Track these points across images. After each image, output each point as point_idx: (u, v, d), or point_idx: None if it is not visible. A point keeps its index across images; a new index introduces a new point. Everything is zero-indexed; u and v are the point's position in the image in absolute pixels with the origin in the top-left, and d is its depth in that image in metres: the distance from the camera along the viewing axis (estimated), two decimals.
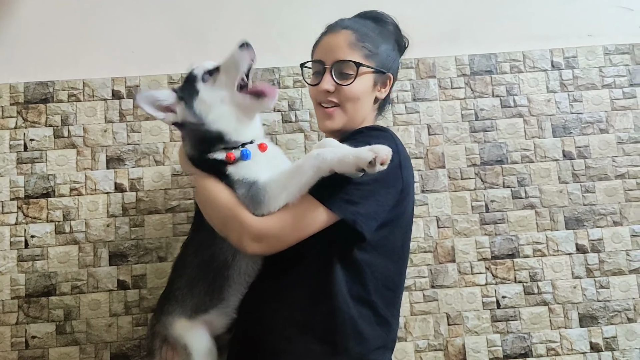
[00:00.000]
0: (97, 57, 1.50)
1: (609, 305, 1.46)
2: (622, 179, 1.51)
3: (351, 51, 1.09)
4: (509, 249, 1.48)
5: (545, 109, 1.54)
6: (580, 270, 1.47)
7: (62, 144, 1.47)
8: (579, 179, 1.51)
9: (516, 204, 1.50)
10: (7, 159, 1.45)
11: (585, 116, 1.54)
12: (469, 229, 1.48)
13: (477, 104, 1.53)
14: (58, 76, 1.49)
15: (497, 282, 1.46)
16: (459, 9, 1.57)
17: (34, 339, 1.39)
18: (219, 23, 1.54)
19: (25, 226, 1.43)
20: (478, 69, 1.54)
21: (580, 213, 1.50)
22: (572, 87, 1.55)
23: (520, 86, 1.54)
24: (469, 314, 1.45)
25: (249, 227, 0.95)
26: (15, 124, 1.47)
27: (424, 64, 1.54)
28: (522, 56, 1.55)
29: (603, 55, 1.56)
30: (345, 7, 1.54)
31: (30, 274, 1.41)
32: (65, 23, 1.51)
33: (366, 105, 1.13)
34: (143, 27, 1.52)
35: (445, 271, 1.46)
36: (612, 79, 1.55)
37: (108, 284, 1.42)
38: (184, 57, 1.50)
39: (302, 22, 1.52)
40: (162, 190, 1.46)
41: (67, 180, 1.45)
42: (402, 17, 1.55)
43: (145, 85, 1.50)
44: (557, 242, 1.48)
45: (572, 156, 1.52)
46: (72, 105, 1.49)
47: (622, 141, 1.53)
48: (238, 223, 0.96)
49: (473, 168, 1.51)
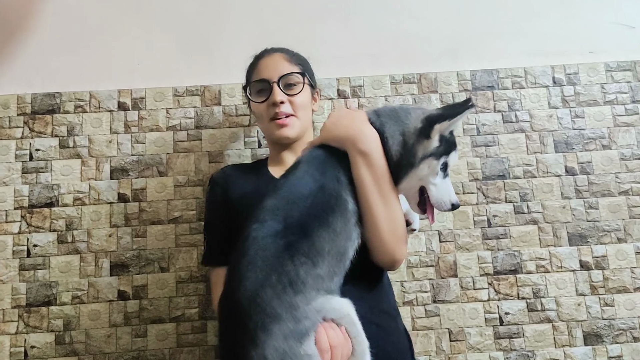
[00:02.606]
0: (104, 70, 1.53)
1: (613, 324, 1.44)
2: (626, 196, 1.50)
3: (291, 66, 1.19)
4: (512, 264, 1.46)
5: (547, 124, 1.54)
6: (585, 287, 1.46)
7: (67, 154, 1.49)
8: (581, 195, 1.50)
9: (518, 219, 1.49)
10: (12, 169, 1.47)
11: (588, 132, 1.54)
12: (471, 244, 1.47)
13: (479, 118, 1.54)
14: (65, 88, 1.52)
15: (499, 298, 1.45)
16: (461, 24, 1.59)
17: (33, 348, 1.38)
18: (223, 37, 1.56)
19: (28, 235, 1.44)
20: (480, 84, 1.56)
21: (583, 229, 1.49)
22: (574, 103, 1.55)
23: (522, 101, 1.55)
24: (472, 330, 1.43)
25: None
26: (21, 134, 1.49)
27: (426, 79, 1.56)
28: (524, 72, 1.56)
29: (605, 71, 1.57)
30: (348, 21, 1.58)
31: (32, 283, 1.41)
32: (72, 36, 1.55)
33: (310, 116, 1.24)
34: (149, 41, 1.55)
35: (447, 286, 1.45)
36: (614, 96, 1.56)
37: (108, 294, 1.42)
38: (188, 70, 1.54)
39: (306, 37, 1.54)
40: (165, 201, 1.47)
41: (71, 190, 1.47)
42: (405, 32, 1.58)
43: (150, 97, 1.52)
44: (560, 258, 1.47)
45: (575, 172, 1.52)
46: (79, 116, 1.51)
47: (625, 157, 1.52)
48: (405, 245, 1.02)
49: (475, 183, 1.50)
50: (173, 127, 1.51)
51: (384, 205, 0.94)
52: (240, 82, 1.36)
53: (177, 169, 1.49)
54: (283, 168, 1.12)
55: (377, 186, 0.94)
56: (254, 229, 0.89)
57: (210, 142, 1.51)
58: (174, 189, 1.48)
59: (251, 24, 1.57)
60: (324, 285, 0.86)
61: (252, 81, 1.22)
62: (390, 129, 0.97)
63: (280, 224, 0.88)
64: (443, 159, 0.96)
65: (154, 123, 1.51)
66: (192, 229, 1.45)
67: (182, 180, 1.48)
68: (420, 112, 0.99)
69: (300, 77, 1.18)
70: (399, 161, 0.96)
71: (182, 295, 1.42)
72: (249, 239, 0.89)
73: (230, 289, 0.87)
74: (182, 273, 1.43)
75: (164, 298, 1.42)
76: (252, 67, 1.24)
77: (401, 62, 1.56)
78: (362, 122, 0.98)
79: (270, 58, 1.21)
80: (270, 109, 1.17)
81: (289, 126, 1.16)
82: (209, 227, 1.22)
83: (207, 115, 1.52)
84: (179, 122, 1.51)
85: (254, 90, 1.21)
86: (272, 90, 1.16)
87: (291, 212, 0.90)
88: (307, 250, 0.86)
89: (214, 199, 1.20)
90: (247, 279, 0.84)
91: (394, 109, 1.02)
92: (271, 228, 0.88)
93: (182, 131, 1.51)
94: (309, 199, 0.91)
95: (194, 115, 1.52)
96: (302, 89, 1.18)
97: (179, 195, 1.47)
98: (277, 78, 1.16)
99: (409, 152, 0.95)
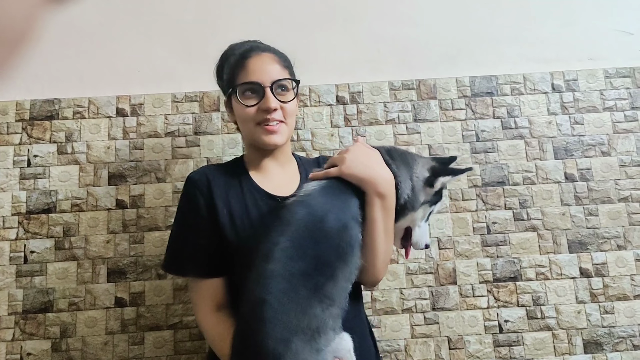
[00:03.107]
0: (103, 76, 1.53)
1: (613, 332, 1.43)
2: (625, 202, 1.50)
3: (283, 70, 1.14)
4: (511, 271, 1.46)
5: (546, 130, 1.54)
6: (584, 294, 1.45)
7: (66, 160, 1.48)
8: (581, 202, 1.50)
9: (518, 225, 1.48)
10: (10, 175, 1.47)
11: (587, 139, 1.53)
12: (471, 251, 1.46)
13: (478, 125, 1.54)
14: (64, 94, 1.52)
15: (499, 305, 1.44)
16: (460, 31, 1.59)
17: (29, 356, 1.37)
18: (221, 43, 1.56)
19: (25, 241, 1.43)
20: (479, 91, 1.55)
21: (583, 236, 1.48)
22: (573, 110, 1.55)
23: (521, 108, 1.55)
24: (471, 338, 1.42)
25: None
26: (20, 140, 1.49)
27: (425, 85, 1.55)
28: (523, 78, 1.56)
29: (604, 78, 1.57)
30: (347, 27, 1.58)
31: (28, 290, 1.41)
32: (72, 42, 1.55)
33: (295, 122, 1.21)
34: (148, 47, 1.55)
35: (447, 293, 1.44)
36: (614, 102, 1.55)
37: (105, 301, 1.41)
38: (187, 77, 1.54)
39: (305, 43, 1.54)
40: (163, 207, 1.47)
41: (68, 196, 1.46)
42: (404, 38, 1.58)
43: (149, 103, 1.52)
44: (560, 265, 1.46)
45: (574, 178, 1.51)
46: (77, 122, 1.51)
47: (625, 164, 1.52)
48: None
49: (474, 189, 1.50)
50: (171, 133, 1.51)
51: (385, 241, 1.01)
52: None
53: (176, 175, 1.48)
54: (266, 176, 1.13)
55: (384, 225, 1.00)
56: (279, 264, 0.86)
57: (208, 149, 1.50)
58: (172, 195, 1.47)
59: (250, 30, 1.56)
60: (337, 322, 0.88)
61: (240, 82, 1.13)
62: (403, 174, 1.04)
63: (310, 263, 0.88)
64: (433, 207, 1.07)
65: (153, 129, 1.51)
66: None
67: (181, 187, 1.47)
68: (424, 161, 1.08)
69: (292, 83, 1.15)
70: (405, 204, 1.03)
71: (179, 302, 1.41)
72: (274, 274, 0.85)
73: (251, 328, 0.84)
74: (180, 280, 1.42)
75: (161, 305, 1.41)
76: (239, 66, 1.15)
77: (400, 68, 1.56)
78: (381, 164, 1.03)
79: (261, 58, 1.14)
80: (260, 114, 1.11)
81: (278, 133, 1.11)
82: (183, 232, 1.10)
83: (205, 121, 1.52)
84: (177, 128, 1.51)
85: (241, 91, 1.13)
86: (264, 94, 1.10)
87: (319, 252, 0.89)
88: (331, 292, 0.87)
89: (196, 201, 1.08)
90: (276, 322, 0.82)
91: (403, 153, 1.09)
92: (300, 267, 0.86)
93: (181, 137, 1.51)
94: (335, 240, 0.91)
95: (193, 121, 1.52)
96: (295, 96, 1.14)
97: (177, 202, 1.47)
98: (270, 83, 1.10)
99: (414, 196, 1.04)
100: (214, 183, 1.09)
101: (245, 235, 1.02)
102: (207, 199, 1.07)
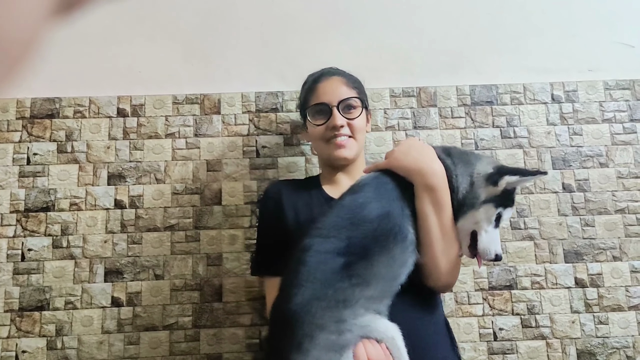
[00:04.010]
0: (104, 76, 1.53)
1: (607, 342, 1.43)
2: (622, 214, 1.50)
3: (349, 90, 1.23)
4: (507, 280, 1.46)
5: (545, 141, 1.54)
6: (579, 304, 1.46)
7: (65, 159, 1.49)
8: (578, 212, 1.50)
9: (515, 234, 1.49)
10: (9, 172, 1.47)
11: (585, 150, 1.54)
12: (466, 258, 1.47)
13: (478, 133, 1.54)
14: (65, 93, 1.52)
15: (494, 313, 1.44)
16: (461, 39, 1.60)
17: (24, 353, 1.37)
18: (223, 47, 1.57)
19: (23, 239, 1.43)
20: (479, 100, 1.56)
21: (579, 246, 1.49)
22: (572, 121, 1.56)
23: (520, 117, 1.56)
24: (466, 345, 1.43)
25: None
26: (19, 138, 1.49)
27: (425, 93, 1.56)
28: (523, 88, 1.57)
29: (603, 90, 1.57)
30: (348, 34, 1.59)
31: (25, 288, 1.41)
32: (74, 42, 1.55)
33: (364, 138, 1.27)
34: (150, 49, 1.56)
35: (442, 300, 1.44)
36: (613, 114, 1.56)
37: (102, 300, 1.41)
38: (189, 79, 1.55)
39: (307, 48, 1.55)
40: (162, 208, 1.47)
41: (67, 195, 1.46)
42: (405, 46, 1.59)
43: (150, 105, 1.52)
44: (555, 275, 1.47)
45: (572, 189, 1.52)
46: (77, 122, 1.51)
47: (622, 176, 1.53)
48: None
49: None
50: (172, 135, 1.51)
51: (443, 239, 0.99)
52: (240, 91, 1.37)
53: (175, 177, 1.49)
54: (338, 188, 1.18)
55: (438, 220, 0.99)
56: (316, 242, 0.95)
57: (208, 151, 1.51)
58: (171, 196, 1.48)
59: (252, 35, 1.57)
60: (373, 306, 0.91)
61: (311, 104, 1.25)
62: (459, 169, 1.03)
63: (343, 242, 0.94)
64: (500, 209, 1.00)
65: (153, 130, 1.51)
66: (188, 236, 1.45)
67: (180, 188, 1.48)
68: (490, 160, 1.08)
69: (359, 101, 1.23)
70: (463, 200, 1.01)
71: (176, 303, 1.42)
72: (310, 250, 0.93)
73: (285, 295, 0.92)
74: (177, 281, 1.43)
75: (157, 305, 1.42)
76: (311, 90, 1.26)
77: (401, 76, 1.57)
78: (432, 158, 1.03)
79: (329, 82, 1.24)
80: (328, 132, 1.20)
81: (346, 147, 1.20)
82: (262, 238, 1.23)
83: (206, 123, 1.52)
84: (177, 130, 1.52)
85: (311, 112, 1.24)
86: (331, 113, 1.20)
87: (355, 233, 0.95)
88: (363, 272, 0.91)
89: (268, 210, 1.22)
90: (304, 288, 0.89)
91: (465, 152, 1.10)
92: (333, 245, 0.94)
93: (181, 139, 1.51)
94: (374, 224, 0.95)
95: (193, 123, 1.52)
96: (361, 113, 1.22)
97: (176, 203, 1.47)
98: (336, 102, 1.20)
99: (474, 193, 1.01)
100: (284, 191, 1.21)
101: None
102: (277, 207, 1.18)
